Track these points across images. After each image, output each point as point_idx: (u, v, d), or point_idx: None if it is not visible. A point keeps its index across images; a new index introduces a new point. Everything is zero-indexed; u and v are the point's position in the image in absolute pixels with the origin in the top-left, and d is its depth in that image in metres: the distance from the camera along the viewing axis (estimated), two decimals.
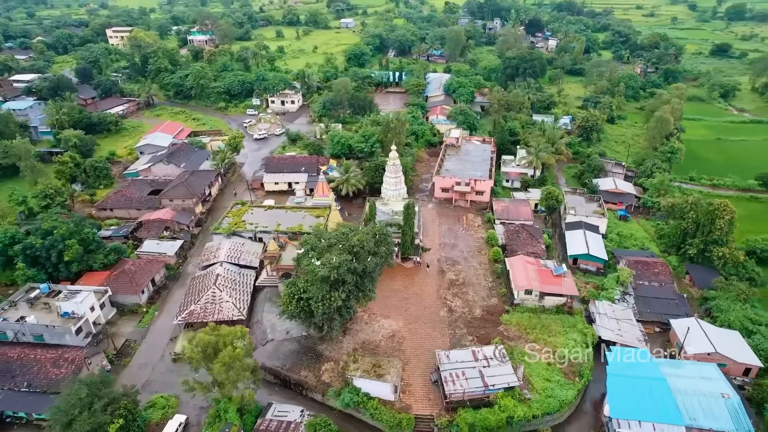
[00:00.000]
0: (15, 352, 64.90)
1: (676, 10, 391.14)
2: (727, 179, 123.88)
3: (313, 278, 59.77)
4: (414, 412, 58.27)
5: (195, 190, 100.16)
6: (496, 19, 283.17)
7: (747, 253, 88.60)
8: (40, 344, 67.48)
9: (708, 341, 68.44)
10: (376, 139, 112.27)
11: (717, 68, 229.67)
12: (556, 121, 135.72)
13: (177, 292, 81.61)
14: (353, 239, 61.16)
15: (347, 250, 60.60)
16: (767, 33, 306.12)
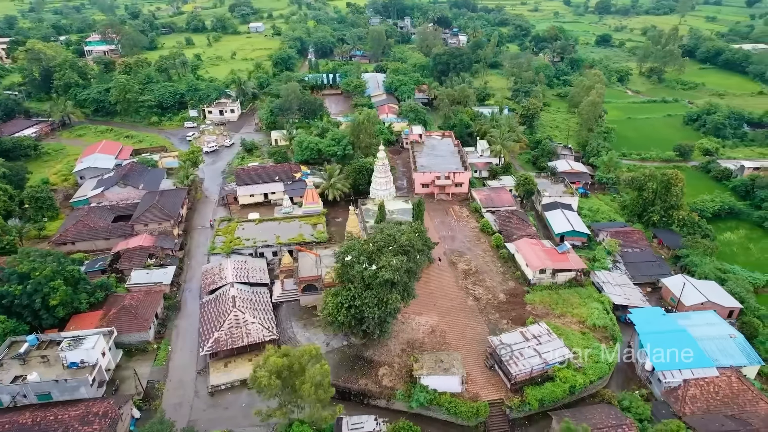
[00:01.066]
0: (27, 417, 55.90)
1: (555, 6, 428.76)
2: (651, 152, 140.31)
3: (371, 283, 58.78)
4: (482, 399, 59.84)
5: (171, 212, 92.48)
6: (406, 18, 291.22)
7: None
8: (49, 404, 58.88)
9: (698, 293, 77.89)
10: (348, 141, 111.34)
11: (606, 56, 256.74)
12: (501, 112, 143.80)
13: (183, 322, 75.42)
14: (402, 239, 61.07)
15: (399, 250, 60.39)
16: (634, 25, 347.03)
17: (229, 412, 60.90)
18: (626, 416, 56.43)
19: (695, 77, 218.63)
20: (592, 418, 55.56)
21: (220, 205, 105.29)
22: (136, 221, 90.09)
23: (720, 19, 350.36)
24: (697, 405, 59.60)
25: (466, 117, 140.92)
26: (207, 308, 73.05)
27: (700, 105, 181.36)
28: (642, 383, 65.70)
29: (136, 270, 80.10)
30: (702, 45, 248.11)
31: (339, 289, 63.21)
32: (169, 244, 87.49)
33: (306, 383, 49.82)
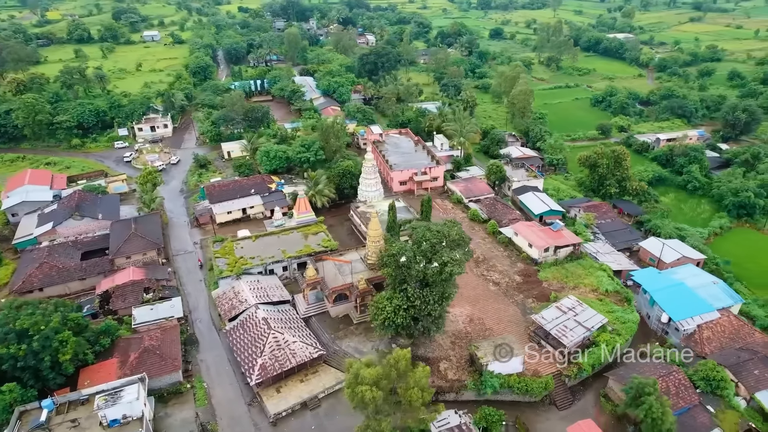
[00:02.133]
0: None
1: (441, 3, 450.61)
2: (579, 133, 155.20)
3: (433, 280, 59.34)
4: (542, 374, 63.41)
5: (155, 240, 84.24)
6: (310, 19, 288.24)
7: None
8: None
9: (673, 250, 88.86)
10: (319, 146, 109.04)
11: (504, 48, 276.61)
12: (444, 106, 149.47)
13: (207, 355, 69.57)
14: (453, 233, 62.32)
15: (453, 245, 61.57)
16: (516, 18, 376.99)
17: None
18: (671, 364, 63.36)
19: (585, 64, 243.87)
20: (643, 371, 61.50)
21: (194, 227, 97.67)
22: (116, 254, 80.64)
23: (585, 12, 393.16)
24: (712, 345, 68.61)
25: (412, 113, 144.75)
26: (235, 336, 68.21)
27: (599, 88, 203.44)
28: (659, 336, 73.74)
29: (136, 308, 72.03)
30: (583, 35, 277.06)
31: (392, 292, 62.72)
32: (163, 274, 79.68)
33: (412, 388, 49.36)
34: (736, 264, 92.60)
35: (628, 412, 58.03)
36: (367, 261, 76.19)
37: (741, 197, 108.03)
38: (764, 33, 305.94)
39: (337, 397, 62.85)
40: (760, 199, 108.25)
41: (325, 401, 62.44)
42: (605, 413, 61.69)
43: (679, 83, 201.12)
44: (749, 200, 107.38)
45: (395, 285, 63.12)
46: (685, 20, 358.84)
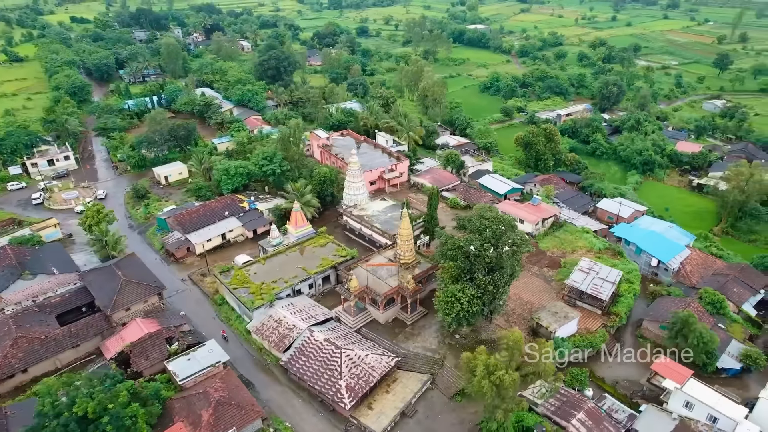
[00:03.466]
0: None
1: (292, 5, 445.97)
2: (487, 117, 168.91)
3: (501, 263, 62.27)
4: (592, 329, 70.46)
5: (154, 283, 73.32)
6: (176, 28, 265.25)
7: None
8: None
9: (625, 206, 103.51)
10: (282, 156, 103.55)
11: (377, 45, 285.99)
12: (372, 104, 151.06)
13: (268, 393, 63.51)
14: (507, 217, 65.74)
15: (508, 227, 65.01)
16: (375, 16, 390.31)
17: None
18: (683, 297, 74.89)
19: (458, 55, 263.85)
20: (668, 307, 71.91)
21: (172, 262, 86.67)
22: (113, 309, 68.48)
23: (433, 7, 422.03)
24: (696, 276, 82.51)
25: (341, 115, 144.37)
26: (299, 365, 63.44)
27: (479, 76, 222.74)
28: (650, 278, 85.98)
29: (170, 362, 62.69)
30: (446, 28, 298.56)
31: (463, 283, 64.01)
32: (177, 319, 69.97)
33: (528, 368, 52.11)
34: (658, 210, 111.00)
35: (669, 344, 67.47)
36: (401, 261, 75.89)
37: (644, 156, 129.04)
38: (582, 21, 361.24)
39: (426, 398, 62.56)
40: (657, 155, 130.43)
41: (418, 405, 61.64)
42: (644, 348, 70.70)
43: (542, 66, 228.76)
44: (651, 157, 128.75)
45: (462, 276, 64.60)
46: (518, 11, 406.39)
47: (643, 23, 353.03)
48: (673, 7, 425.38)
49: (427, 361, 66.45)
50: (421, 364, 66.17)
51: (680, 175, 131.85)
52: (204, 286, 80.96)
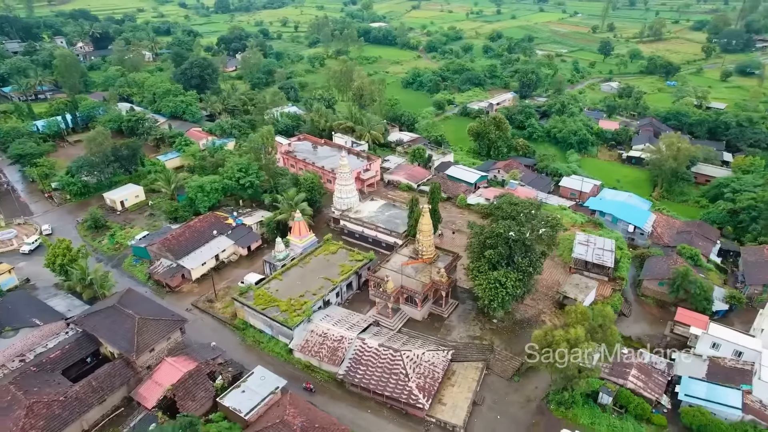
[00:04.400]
0: None
1: (174, 9, 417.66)
2: (423, 111, 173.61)
3: (538, 243, 66.05)
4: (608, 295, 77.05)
5: (173, 317, 66.23)
6: (58, 38, 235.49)
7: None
8: None
9: (587, 183, 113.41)
10: (257, 166, 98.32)
11: (285, 47, 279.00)
12: (308, 108, 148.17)
13: (334, 409, 60.90)
14: (533, 200, 69.54)
15: (535, 209, 68.78)
16: (269, 18, 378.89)
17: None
18: (665, 256, 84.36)
19: (368, 53, 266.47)
20: (658, 266, 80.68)
21: (168, 292, 78.75)
22: (138, 353, 60.85)
23: (326, 7, 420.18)
24: (666, 236, 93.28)
25: (286, 119, 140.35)
26: (358, 375, 61.77)
27: (395, 72, 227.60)
28: (628, 242, 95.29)
29: (224, 399, 57.57)
30: (350, 27, 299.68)
31: (505, 269, 66.49)
32: (210, 352, 64.06)
33: (611, 328, 56.38)
34: (609, 183, 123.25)
35: (671, 298, 76.12)
36: (423, 255, 76.51)
37: (579, 135, 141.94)
38: (472, 15, 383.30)
39: (486, 384, 64.15)
40: (589, 135, 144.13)
41: (482, 391, 63.06)
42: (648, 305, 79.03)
43: (456, 60, 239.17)
44: (585, 137, 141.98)
45: (501, 261, 67.12)
46: (409, 9, 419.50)
47: (524, 16, 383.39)
48: (543, 0, 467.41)
49: (477, 349, 68.14)
50: (472, 352, 67.71)
51: (609, 150, 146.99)
52: (216, 312, 74.85)
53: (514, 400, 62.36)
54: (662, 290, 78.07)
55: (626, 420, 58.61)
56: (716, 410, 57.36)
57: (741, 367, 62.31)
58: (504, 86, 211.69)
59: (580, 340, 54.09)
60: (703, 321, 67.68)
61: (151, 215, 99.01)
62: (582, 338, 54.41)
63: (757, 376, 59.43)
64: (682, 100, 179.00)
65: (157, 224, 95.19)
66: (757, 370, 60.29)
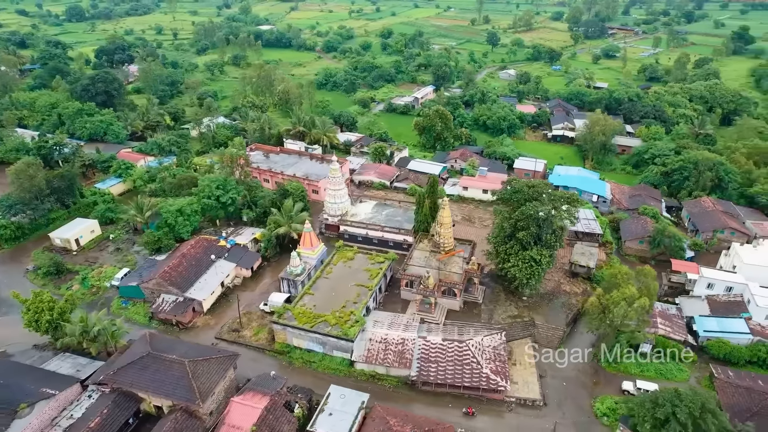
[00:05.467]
0: None
1: (13, 18, 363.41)
2: (349, 111, 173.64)
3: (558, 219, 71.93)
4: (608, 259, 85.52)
5: (219, 354, 59.88)
6: None
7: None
8: None
9: (538, 162, 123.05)
10: (234, 180, 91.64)
11: (169, 55, 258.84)
12: (243, 117, 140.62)
13: (420, 412, 60.33)
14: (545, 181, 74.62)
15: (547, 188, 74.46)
16: (134, 26, 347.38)
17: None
18: (632, 218, 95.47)
19: (267, 56, 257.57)
20: (632, 227, 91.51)
21: (181, 329, 70.75)
22: (203, 399, 54.25)
23: (201, 12, 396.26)
24: (623, 201, 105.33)
25: (225, 130, 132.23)
26: (432, 372, 61.98)
27: (301, 74, 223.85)
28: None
29: (318, 425, 54.13)
30: (239, 31, 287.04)
31: (537, 248, 70.77)
32: (274, 382, 59.28)
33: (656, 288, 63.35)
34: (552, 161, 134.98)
35: (653, 252, 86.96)
36: (445, 248, 78.11)
37: (509, 121, 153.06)
38: (354, 14, 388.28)
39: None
40: (516, 119, 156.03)
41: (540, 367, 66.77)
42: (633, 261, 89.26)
43: (356, 58, 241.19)
44: (513, 121, 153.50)
45: (530, 241, 71.33)
46: (288, 10, 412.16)
47: (403, 12, 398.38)
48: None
49: (521, 326, 71.72)
50: (518, 330, 71.14)
51: (533, 131, 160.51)
52: (248, 340, 69.17)
53: (568, 366, 66.78)
54: (642, 248, 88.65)
55: (666, 363, 66.30)
56: (731, 338, 67.37)
57: (734, 299, 73.67)
58: (411, 81, 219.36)
59: (635, 297, 60.23)
60: (695, 267, 78.54)
61: (117, 250, 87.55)
62: (636, 295, 60.64)
63: (752, 304, 70.81)
64: (575, 81, 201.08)
65: (129, 258, 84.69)
66: (749, 299, 71.84)
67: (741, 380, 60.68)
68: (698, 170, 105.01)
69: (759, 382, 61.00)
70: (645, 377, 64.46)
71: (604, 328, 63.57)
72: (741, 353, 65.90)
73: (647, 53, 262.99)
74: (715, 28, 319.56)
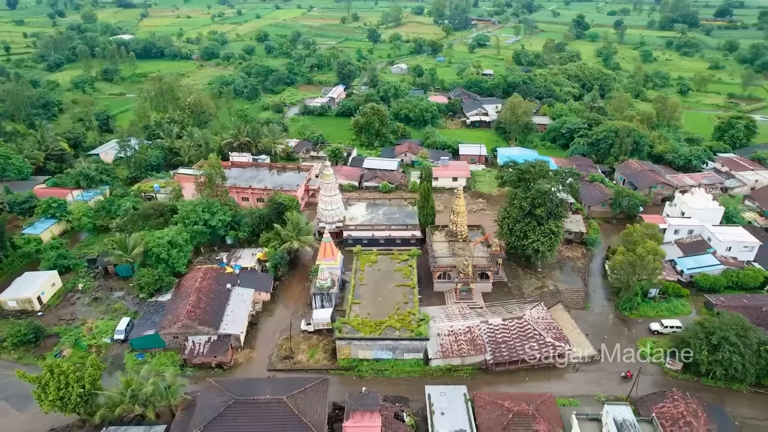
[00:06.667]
0: None
1: None
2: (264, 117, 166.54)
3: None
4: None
5: (306, 382, 55.28)
6: None
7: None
8: None
9: (480, 147, 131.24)
10: (218, 201, 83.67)
11: None
12: (168, 135, 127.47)
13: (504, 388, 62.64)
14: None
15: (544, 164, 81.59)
16: None
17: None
18: (587, 183, 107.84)
19: (142, 68, 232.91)
20: (589, 192, 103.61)
21: (226, 369, 63.57)
22: (319, 431, 49.93)
23: (30, 23, 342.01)
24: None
25: (156, 152, 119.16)
26: (506, 352, 64.72)
27: (190, 83, 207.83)
28: None
29: (439, 427, 53.57)
30: (96, 42, 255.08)
31: (552, 221, 77.06)
32: (370, 398, 56.57)
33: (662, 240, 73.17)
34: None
35: (614, 212, 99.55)
36: (461, 236, 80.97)
37: (431, 112, 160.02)
38: (218, 19, 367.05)
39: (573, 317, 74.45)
40: (435, 108, 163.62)
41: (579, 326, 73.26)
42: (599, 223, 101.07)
43: (245, 62, 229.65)
44: (435, 112, 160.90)
45: (545, 215, 77.44)
46: (139, 17, 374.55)
47: (266, 14, 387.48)
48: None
49: (549, 295, 77.63)
50: (548, 299, 76.87)
51: (450, 120, 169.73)
52: (303, 365, 64.81)
53: (599, 321, 74.46)
54: (605, 210, 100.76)
55: (671, 301, 77.20)
56: (708, 271, 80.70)
57: (697, 240, 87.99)
58: (308, 82, 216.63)
59: (655, 249, 69.39)
60: (661, 219, 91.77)
61: (94, 300, 74.85)
62: (655, 247, 69.83)
63: (714, 240, 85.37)
64: (466, 71, 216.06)
65: (117, 307, 73.17)
66: (709, 236, 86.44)
67: (736, 302, 73.30)
68: (620, 138, 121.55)
69: (743, 300, 74.44)
70: (662, 317, 74.36)
71: (632, 281, 71.97)
72: (720, 282, 79.30)
73: (511, 41, 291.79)
74: (554, 16, 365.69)
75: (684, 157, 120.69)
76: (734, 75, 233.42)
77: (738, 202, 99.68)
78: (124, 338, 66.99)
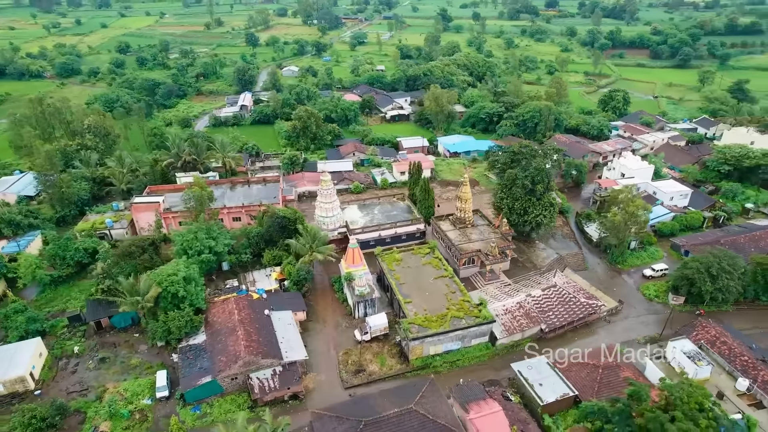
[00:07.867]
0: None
1: None
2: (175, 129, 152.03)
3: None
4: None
5: (425, 386, 53.52)
6: None
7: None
8: None
9: (419, 139, 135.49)
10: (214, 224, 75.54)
11: None
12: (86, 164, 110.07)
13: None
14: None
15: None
16: None
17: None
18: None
19: None
20: None
21: (302, 399, 58.72)
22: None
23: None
24: None
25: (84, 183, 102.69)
26: (556, 318, 69.74)
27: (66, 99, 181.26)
28: None
29: (545, 394, 56.15)
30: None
31: (548, 195, 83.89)
32: (474, 386, 56.83)
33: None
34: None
35: (567, 181, 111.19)
36: (469, 222, 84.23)
37: (353, 110, 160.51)
38: (54, 30, 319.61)
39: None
40: (356, 107, 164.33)
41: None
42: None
43: (122, 76, 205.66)
44: (354, 111, 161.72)
45: (543, 190, 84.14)
46: None
47: (113, 23, 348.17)
48: (105, 6, 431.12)
49: (556, 262, 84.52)
50: (556, 264, 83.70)
51: (368, 116, 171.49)
52: (380, 375, 62.67)
53: (601, 276, 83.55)
54: (558, 181, 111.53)
55: (647, 249, 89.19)
56: (663, 219, 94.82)
57: (645, 195, 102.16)
58: (198, 92, 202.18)
59: (643, 205, 79.99)
60: (614, 181, 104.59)
61: (102, 361, 63.33)
62: (643, 204, 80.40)
63: (659, 193, 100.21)
64: (362, 68, 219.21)
65: (134, 362, 63.00)
66: (654, 191, 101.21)
67: (696, 240, 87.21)
68: (543, 116, 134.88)
69: (699, 238, 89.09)
70: (646, 264, 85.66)
71: (625, 235, 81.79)
72: (675, 226, 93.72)
73: (386, 36, 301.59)
74: (414, 11, 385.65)
75: (596, 128, 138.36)
76: (581, 56, 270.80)
77: (660, 160, 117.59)
78: (169, 394, 58.07)
